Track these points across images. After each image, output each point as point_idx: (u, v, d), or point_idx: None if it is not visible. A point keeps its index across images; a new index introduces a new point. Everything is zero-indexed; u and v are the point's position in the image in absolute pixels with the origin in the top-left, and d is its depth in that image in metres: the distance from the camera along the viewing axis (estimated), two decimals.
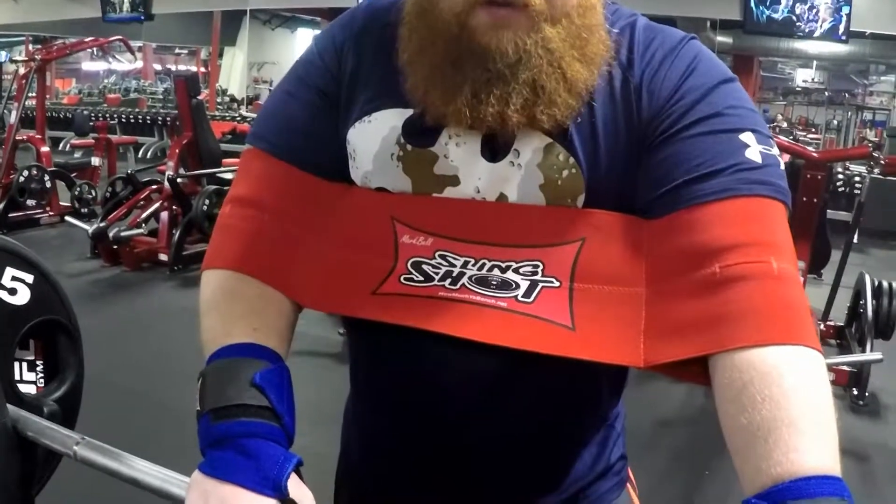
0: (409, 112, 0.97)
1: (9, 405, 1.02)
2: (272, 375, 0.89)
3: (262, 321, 0.95)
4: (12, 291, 1.09)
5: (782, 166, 0.91)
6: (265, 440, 0.84)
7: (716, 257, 0.85)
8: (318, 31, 18.32)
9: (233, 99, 19.16)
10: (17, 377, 1.12)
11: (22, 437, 1.01)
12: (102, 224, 6.58)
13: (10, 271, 1.09)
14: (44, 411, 1.08)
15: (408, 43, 0.96)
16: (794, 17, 9.12)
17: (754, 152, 0.89)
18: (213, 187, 6.72)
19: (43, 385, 1.15)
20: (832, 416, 0.77)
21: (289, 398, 0.89)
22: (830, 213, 5.99)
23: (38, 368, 1.15)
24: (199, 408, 0.88)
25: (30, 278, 1.11)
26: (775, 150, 0.91)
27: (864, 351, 4.62)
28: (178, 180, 6.83)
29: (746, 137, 0.89)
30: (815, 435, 0.74)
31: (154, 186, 7.22)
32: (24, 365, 1.14)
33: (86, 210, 8.34)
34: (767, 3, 9.15)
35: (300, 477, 0.85)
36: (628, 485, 1.15)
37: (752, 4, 9.27)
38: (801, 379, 0.77)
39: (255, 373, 0.87)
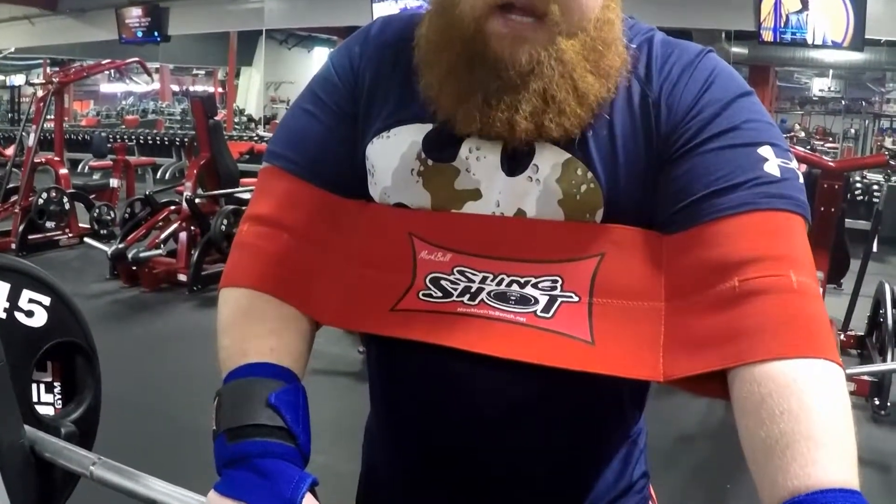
0: (427, 127, 0.97)
1: (26, 426, 1.02)
2: (288, 395, 0.89)
3: (279, 340, 0.95)
4: (29, 314, 1.09)
5: (801, 179, 0.91)
6: (280, 460, 0.84)
7: (735, 271, 0.84)
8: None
9: (250, 119, 19.31)
10: (34, 399, 1.12)
11: (39, 458, 1.01)
12: (121, 245, 6.61)
13: (27, 293, 1.09)
14: (61, 432, 1.08)
15: (426, 41, 0.97)
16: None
17: (773, 166, 0.88)
18: (231, 207, 6.77)
19: (60, 406, 1.15)
20: (851, 429, 0.76)
21: (304, 418, 0.89)
22: (849, 223, 5.96)
23: (55, 390, 1.15)
24: (215, 427, 0.88)
25: (47, 300, 1.11)
26: (794, 164, 0.90)
27: (885, 360, 4.58)
28: (197, 201, 6.89)
29: (765, 151, 0.89)
30: (834, 448, 0.73)
31: (172, 207, 7.26)
32: (42, 386, 1.14)
33: (105, 231, 8.38)
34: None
35: (315, 496, 0.84)
36: (650, 503, 1.14)
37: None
38: (820, 392, 0.77)
39: (271, 393, 0.87)
